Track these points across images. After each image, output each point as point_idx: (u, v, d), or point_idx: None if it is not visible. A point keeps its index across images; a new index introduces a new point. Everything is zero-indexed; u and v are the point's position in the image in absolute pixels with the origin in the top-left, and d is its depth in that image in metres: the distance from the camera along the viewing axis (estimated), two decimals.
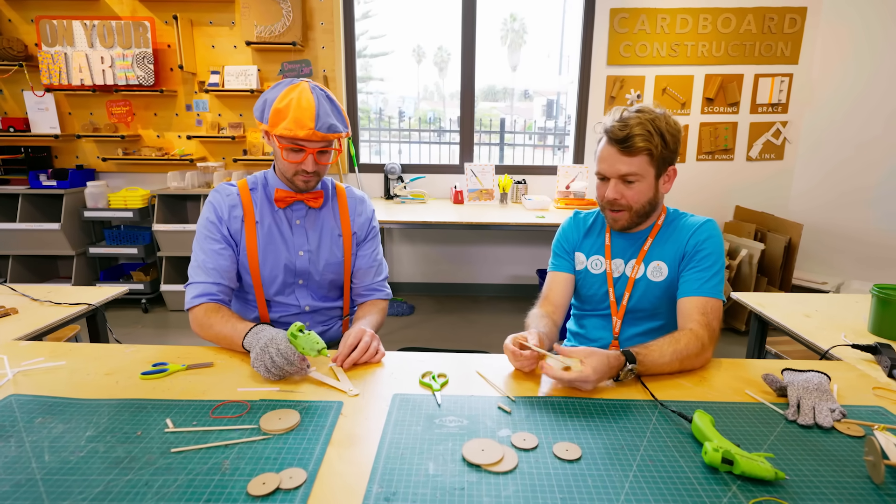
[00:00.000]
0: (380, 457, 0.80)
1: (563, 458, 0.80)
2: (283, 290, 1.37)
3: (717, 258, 1.22)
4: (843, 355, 1.20)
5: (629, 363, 1.02)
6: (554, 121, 4.12)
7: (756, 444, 0.85)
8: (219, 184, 1.37)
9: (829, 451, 0.83)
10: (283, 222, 1.35)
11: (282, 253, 1.34)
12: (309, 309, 1.40)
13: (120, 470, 0.75)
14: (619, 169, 1.19)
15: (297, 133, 1.19)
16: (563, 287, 1.36)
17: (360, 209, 1.44)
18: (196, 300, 1.23)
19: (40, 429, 0.85)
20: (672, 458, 0.80)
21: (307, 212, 1.36)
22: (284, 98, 1.20)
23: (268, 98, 1.24)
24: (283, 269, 1.34)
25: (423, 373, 1.07)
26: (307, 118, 1.19)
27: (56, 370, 1.06)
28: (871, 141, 3.32)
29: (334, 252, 1.38)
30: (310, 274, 1.37)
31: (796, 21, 3.39)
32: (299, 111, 1.19)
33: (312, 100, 1.20)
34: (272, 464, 0.77)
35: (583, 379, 0.97)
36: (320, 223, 1.38)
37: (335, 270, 1.39)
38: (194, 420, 0.88)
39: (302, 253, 1.35)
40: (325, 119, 1.21)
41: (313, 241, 1.36)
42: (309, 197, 1.33)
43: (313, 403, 0.94)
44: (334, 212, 1.40)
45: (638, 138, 1.16)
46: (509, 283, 3.88)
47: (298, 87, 1.22)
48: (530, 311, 1.32)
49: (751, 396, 1.00)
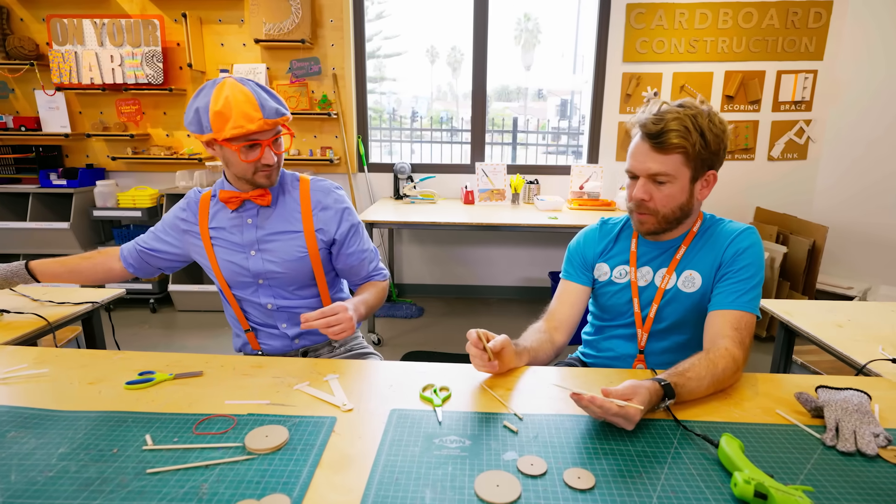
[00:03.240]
0: (372, 482, 0.72)
1: (575, 486, 0.72)
2: (247, 290, 1.34)
3: (756, 270, 1.11)
4: (882, 370, 1.10)
5: (667, 398, 0.90)
6: (568, 121, 4.03)
7: (791, 473, 0.76)
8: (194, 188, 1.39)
9: (875, 484, 0.74)
10: (236, 222, 1.30)
11: (235, 254, 1.30)
12: (272, 307, 1.34)
13: (89, 493, 0.69)
14: (649, 167, 1.09)
15: (248, 128, 1.12)
16: (574, 302, 1.26)
17: (325, 202, 1.32)
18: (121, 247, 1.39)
19: (11, 444, 0.79)
20: (697, 489, 0.72)
21: (258, 210, 1.30)
22: (218, 99, 1.12)
23: (199, 106, 1.15)
24: (238, 269, 1.31)
25: (425, 386, 1.00)
26: (252, 109, 1.12)
27: (38, 378, 1.00)
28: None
29: (291, 250, 1.30)
30: (267, 273, 1.31)
31: (821, 15, 3.25)
32: (241, 105, 1.12)
33: (249, 91, 1.13)
34: (254, 488, 0.70)
35: (627, 415, 0.83)
36: (273, 220, 1.30)
37: (296, 268, 1.31)
38: (175, 437, 0.82)
39: (253, 252, 1.29)
40: (269, 105, 1.15)
41: (264, 239, 1.30)
42: (255, 195, 1.26)
43: (304, 419, 0.88)
44: (291, 207, 1.31)
45: (672, 134, 1.05)
46: (521, 286, 3.79)
47: (226, 83, 1.14)
48: (532, 325, 1.23)
49: (783, 417, 0.91)
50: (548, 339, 1.18)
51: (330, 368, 1.07)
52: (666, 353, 1.20)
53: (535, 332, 1.19)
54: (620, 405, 0.82)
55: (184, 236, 1.36)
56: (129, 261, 1.39)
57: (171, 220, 1.37)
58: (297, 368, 1.07)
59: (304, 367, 1.07)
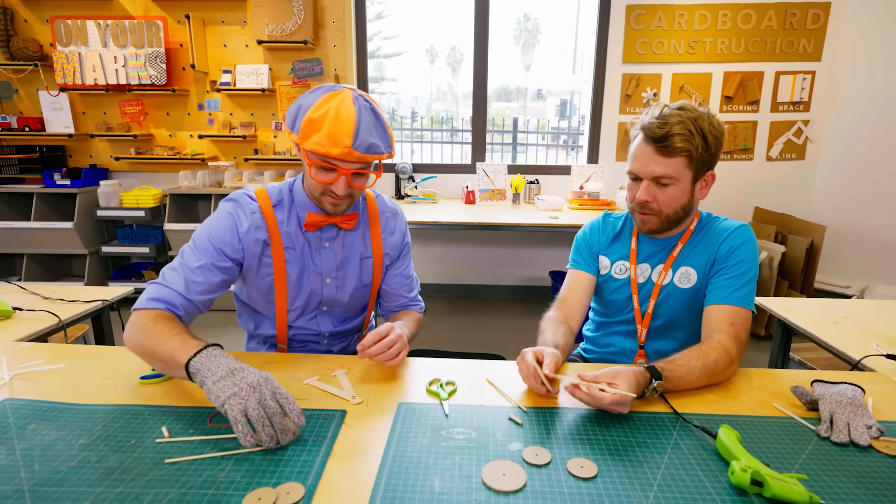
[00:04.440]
0: (383, 471, 0.75)
1: (578, 475, 0.75)
2: (305, 316, 1.24)
3: (749, 266, 1.14)
4: (876, 366, 1.13)
5: (654, 380, 0.93)
6: (567, 121, 4.06)
7: (787, 463, 0.79)
8: (236, 192, 1.17)
9: (867, 472, 0.77)
10: (312, 244, 1.19)
11: (308, 280, 1.19)
12: (328, 335, 1.29)
13: (111, 482, 0.72)
14: (653, 170, 1.11)
15: (329, 151, 1.01)
16: (583, 289, 1.29)
17: (393, 226, 1.27)
18: (151, 303, 1.02)
19: (32, 436, 0.82)
20: (696, 478, 0.75)
21: (338, 233, 1.21)
22: (321, 107, 1.02)
23: (302, 104, 1.05)
24: (308, 297, 1.21)
25: (431, 380, 1.03)
26: (344, 134, 1.00)
27: (54, 373, 1.03)
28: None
29: (362, 277, 1.24)
30: (335, 301, 1.24)
31: (819, 16, 3.28)
32: (335, 125, 1.00)
33: (353, 112, 1.01)
34: (269, 477, 0.73)
35: (621, 401, 0.87)
36: (349, 246, 1.22)
37: (362, 295, 1.27)
38: (191, 429, 0.85)
39: (329, 280, 1.21)
40: (365, 137, 1.02)
41: (341, 265, 1.22)
42: (342, 220, 1.16)
43: (315, 412, 0.90)
44: (365, 230, 1.24)
45: (677, 138, 1.07)
46: (521, 285, 3.82)
47: (339, 95, 1.03)
48: (546, 314, 1.26)
49: (779, 410, 0.94)
50: (569, 330, 1.19)
51: (338, 364, 1.10)
52: (665, 349, 1.23)
53: (556, 323, 1.19)
54: (612, 392, 0.86)
55: (251, 259, 1.15)
56: (187, 316, 1.06)
57: (217, 247, 1.11)
58: (307, 364, 1.09)
59: (313, 363, 1.10)
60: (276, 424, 0.78)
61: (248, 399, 0.78)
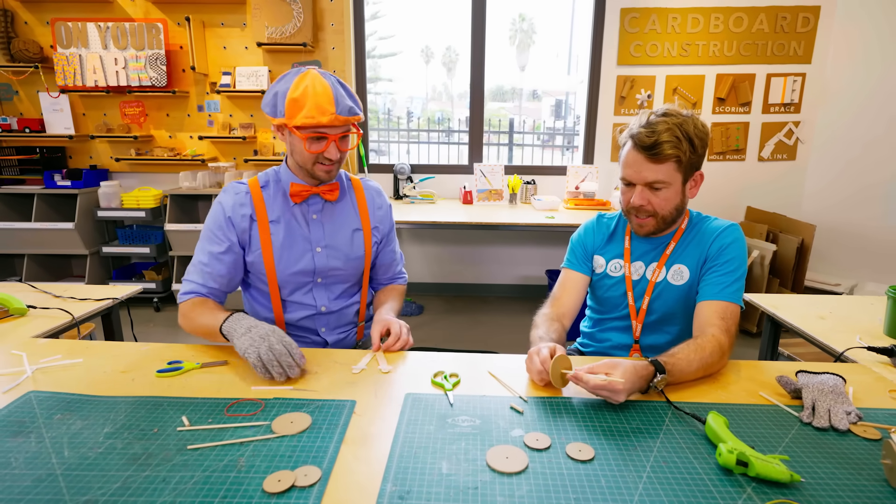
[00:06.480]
0: (393, 455, 0.80)
1: (577, 458, 0.80)
2: (301, 290, 1.33)
3: (739, 263, 1.20)
4: (858, 358, 1.19)
5: (659, 373, 0.97)
6: (563, 121, 4.11)
7: (771, 446, 0.84)
8: (229, 182, 1.33)
9: (845, 454, 0.82)
10: (300, 218, 1.30)
11: (298, 251, 1.29)
12: (325, 310, 1.35)
13: (138, 466, 0.76)
14: (645, 176, 1.17)
15: (319, 120, 1.15)
16: (576, 289, 1.35)
17: (379, 201, 1.41)
18: (185, 296, 1.26)
19: (59, 425, 0.86)
20: (686, 460, 0.80)
21: (323, 205, 1.32)
22: (298, 87, 1.15)
23: (279, 90, 1.18)
24: (300, 267, 1.30)
25: (435, 372, 1.07)
26: (327, 103, 1.15)
27: (73, 367, 1.07)
28: (884, 140, 3.28)
29: (354, 247, 1.35)
30: (329, 271, 1.33)
31: (809, 20, 3.35)
32: (317, 97, 1.14)
33: (328, 84, 1.16)
34: (287, 461, 0.78)
35: (614, 389, 0.91)
36: (338, 217, 1.34)
37: (356, 266, 1.36)
38: (209, 418, 0.89)
39: (319, 249, 1.31)
40: (344, 102, 1.18)
41: (331, 236, 1.32)
42: (325, 189, 1.29)
43: (327, 402, 0.95)
44: (352, 204, 1.36)
45: (666, 145, 1.13)
46: (519, 284, 3.88)
47: (308, 74, 1.17)
48: (539, 311, 1.31)
49: (765, 398, 0.99)
50: (561, 328, 1.26)
51: (345, 357, 1.14)
52: (659, 342, 1.29)
53: (549, 320, 1.26)
54: (601, 379, 0.91)
55: (242, 235, 1.27)
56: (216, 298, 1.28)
57: (217, 233, 1.26)
58: (315, 357, 1.14)
59: (321, 357, 1.15)
60: (283, 363, 1.01)
61: (260, 346, 1.02)
